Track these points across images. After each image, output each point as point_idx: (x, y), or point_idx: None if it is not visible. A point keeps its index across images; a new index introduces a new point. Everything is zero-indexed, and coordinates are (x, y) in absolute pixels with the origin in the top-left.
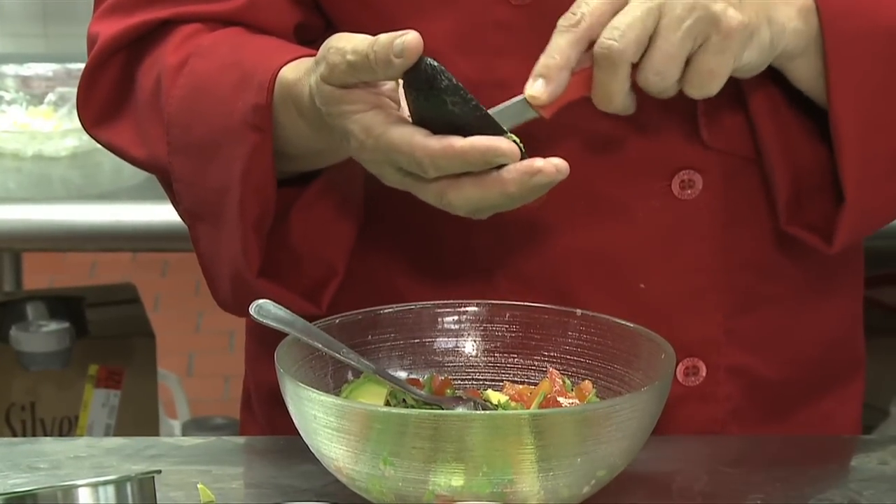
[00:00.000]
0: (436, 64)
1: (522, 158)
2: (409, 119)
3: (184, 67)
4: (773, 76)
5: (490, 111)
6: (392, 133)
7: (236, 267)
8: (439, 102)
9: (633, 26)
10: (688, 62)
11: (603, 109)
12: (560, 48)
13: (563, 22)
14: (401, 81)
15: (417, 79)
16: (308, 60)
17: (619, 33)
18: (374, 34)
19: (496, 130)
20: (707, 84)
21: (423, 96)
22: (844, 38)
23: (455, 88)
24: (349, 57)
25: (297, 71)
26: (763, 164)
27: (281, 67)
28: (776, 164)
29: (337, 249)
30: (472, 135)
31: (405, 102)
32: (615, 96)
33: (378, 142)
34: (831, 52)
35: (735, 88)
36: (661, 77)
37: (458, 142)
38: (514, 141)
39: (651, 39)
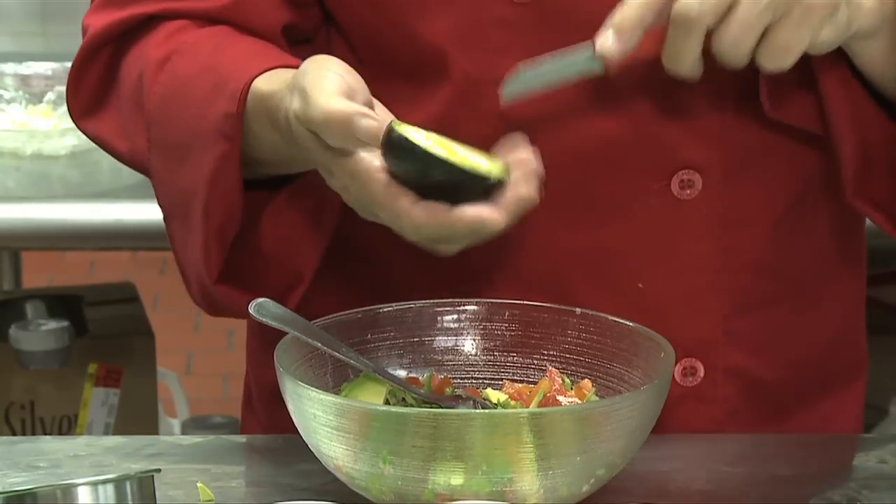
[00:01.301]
0: (407, 135)
1: (505, 185)
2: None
3: (165, 64)
4: (841, 49)
5: (555, 58)
6: (376, 189)
7: (198, 270)
8: (416, 169)
9: None
10: (764, 33)
11: (670, 69)
12: (638, 4)
13: None
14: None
15: (391, 147)
16: (285, 72)
17: None
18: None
19: (477, 182)
20: (781, 57)
21: (398, 161)
22: None
23: (428, 156)
24: (318, 128)
25: (272, 83)
26: (830, 134)
27: (255, 77)
28: (844, 131)
29: (306, 256)
30: (453, 190)
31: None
32: (685, 59)
33: (361, 191)
34: None
35: (801, 58)
36: (737, 46)
37: (442, 213)
38: (500, 175)
39: (731, 7)
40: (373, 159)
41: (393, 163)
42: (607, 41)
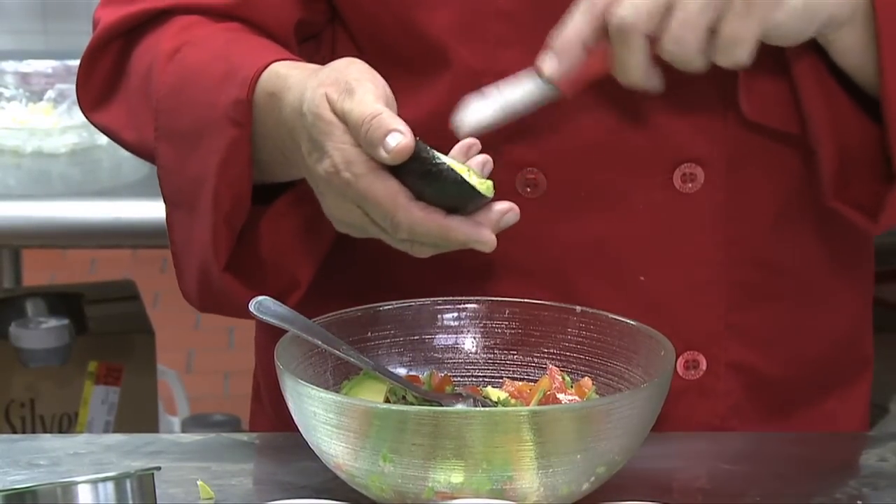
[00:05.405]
0: (431, 155)
1: (492, 200)
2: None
3: (175, 55)
4: (818, 51)
5: (509, 89)
6: (374, 182)
7: (205, 259)
8: (428, 177)
9: None
10: (714, 31)
11: (625, 83)
12: (574, 22)
13: (582, 1)
14: None
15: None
16: (306, 64)
17: (632, 4)
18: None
19: (478, 199)
20: (733, 50)
21: (411, 169)
22: (894, 9)
23: (445, 169)
24: (356, 121)
25: (290, 67)
26: (808, 137)
27: (267, 65)
28: (822, 135)
29: (303, 263)
30: (456, 202)
31: None
32: (633, 69)
33: (357, 181)
34: (883, 22)
35: (777, 59)
36: (680, 46)
37: (441, 218)
38: (485, 189)
39: (669, 9)
40: None
41: (405, 170)
42: (549, 62)
